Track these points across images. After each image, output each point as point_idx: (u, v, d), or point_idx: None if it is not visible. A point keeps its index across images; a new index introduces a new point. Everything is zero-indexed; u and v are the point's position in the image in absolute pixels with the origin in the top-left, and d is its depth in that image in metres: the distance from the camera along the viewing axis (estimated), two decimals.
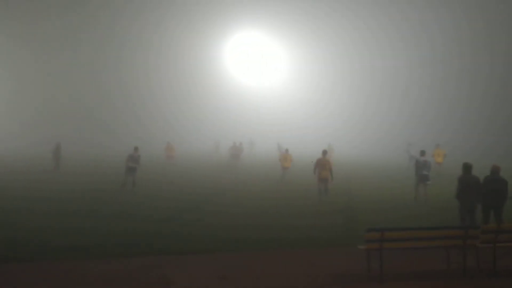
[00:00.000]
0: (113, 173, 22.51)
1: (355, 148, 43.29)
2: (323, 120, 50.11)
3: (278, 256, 8.97)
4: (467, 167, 9.74)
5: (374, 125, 46.50)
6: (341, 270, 7.98)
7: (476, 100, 39.21)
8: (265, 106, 53.06)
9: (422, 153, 15.39)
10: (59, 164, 24.98)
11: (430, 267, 8.16)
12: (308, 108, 51.92)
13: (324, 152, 15.80)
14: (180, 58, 53.65)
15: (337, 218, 12.59)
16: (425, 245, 7.85)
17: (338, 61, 52.90)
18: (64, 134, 40.54)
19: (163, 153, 31.08)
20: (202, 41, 54.64)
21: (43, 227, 11.10)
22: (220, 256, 8.96)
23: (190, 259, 8.76)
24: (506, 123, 36.47)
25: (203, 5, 53.61)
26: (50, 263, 8.42)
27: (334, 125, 48.60)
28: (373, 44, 50.68)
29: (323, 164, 15.32)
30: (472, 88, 40.34)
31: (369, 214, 12.98)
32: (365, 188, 18.68)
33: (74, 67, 50.79)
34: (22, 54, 49.76)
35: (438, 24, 44.34)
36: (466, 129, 37.61)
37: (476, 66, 40.88)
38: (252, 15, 54.43)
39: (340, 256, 8.87)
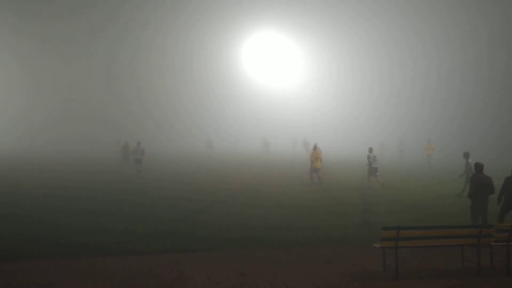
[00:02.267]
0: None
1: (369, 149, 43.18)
2: (341, 121, 49.78)
3: (294, 254, 9.08)
4: (478, 167, 9.86)
5: (394, 125, 46.22)
6: (357, 268, 8.08)
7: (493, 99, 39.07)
8: (282, 106, 52.80)
9: (370, 150, 18.41)
10: (128, 160, 26.17)
11: (445, 265, 8.24)
12: (326, 109, 51.57)
13: (315, 147, 18.68)
14: (196, 59, 53.84)
15: (352, 217, 12.66)
16: (440, 243, 7.95)
17: (356, 61, 52.56)
18: (80, 133, 41.32)
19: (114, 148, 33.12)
20: (219, 41, 54.76)
21: (63, 225, 11.28)
22: (237, 254, 9.08)
23: (207, 256, 8.89)
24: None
25: (220, 5, 53.79)
26: (71, 260, 8.58)
27: (352, 126, 48.24)
28: (393, 44, 50.30)
29: (316, 157, 18.28)
30: (490, 85, 40.18)
31: (384, 214, 13.04)
32: (381, 188, 18.54)
33: (90, 67, 51.41)
34: (41, 55, 50.46)
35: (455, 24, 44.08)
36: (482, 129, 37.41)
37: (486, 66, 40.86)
38: (269, 15, 54.35)
39: (355, 254, 8.97)
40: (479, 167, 9.89)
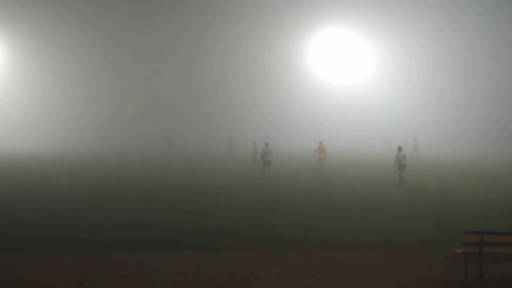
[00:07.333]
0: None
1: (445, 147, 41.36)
2: (411, 120, 47.71)
3: (367, 255, 8.81)
4: None
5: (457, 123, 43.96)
6: (434, 273, 7.63)
7: None
8: (349, 105, 51.94)
9: (266, 145, 20.37)
10: (232, 152, 33.58)
11: None
12: (394, 108, 49.75)
13: (321, 142, 23.96)
14: (267, 58, 55.21)
15: (429, 219, 11.99)
16: None
17: (425, 58, 50.29)
18: (159, 132, 44.35)
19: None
20: (287, 40, 55.26)
21: (139, 222, 11.92)
22: (307, 254, 8.97)
23: (277, 255, 8.90)
24: None
25: (287, 3, 54.26)
26: (148, 254, 8.99)
27: (421, 125, 46.10)
28: (465, 42, 47.72)
29: (321, 150, 23.70)
30: None
31: (461, 216, 12.21)
32: (457, 188, 17.42)
33: (169, 71, 55.21)
34: (124, 61, 54.91)
35: None
36: None
37: None
38: (336, 12, 53.55)
39: (429, 258, 8.48)
40: None
